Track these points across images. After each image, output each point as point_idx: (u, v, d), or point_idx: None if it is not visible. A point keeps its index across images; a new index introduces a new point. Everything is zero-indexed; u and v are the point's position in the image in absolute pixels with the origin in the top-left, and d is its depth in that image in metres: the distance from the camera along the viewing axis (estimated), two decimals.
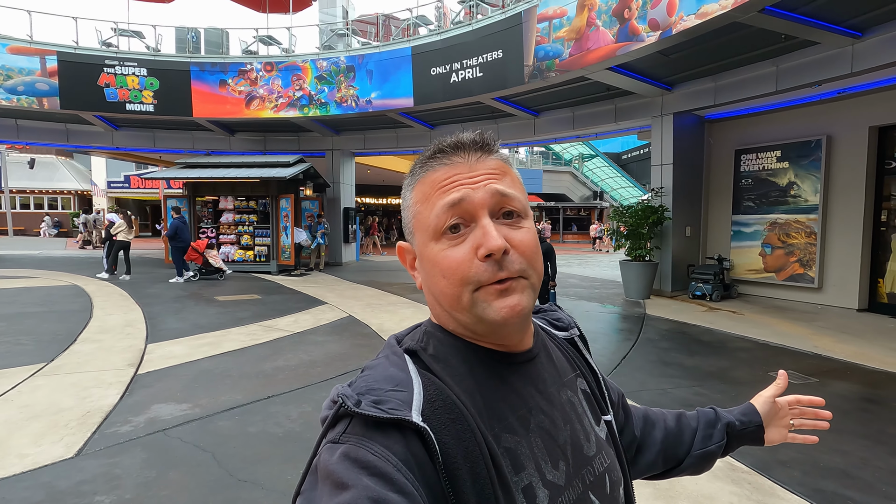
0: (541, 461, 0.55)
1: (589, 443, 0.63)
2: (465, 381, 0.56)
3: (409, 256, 0.63)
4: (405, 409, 0.49)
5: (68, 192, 29.42)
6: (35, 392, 3.95)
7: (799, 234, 8.63)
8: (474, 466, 0.49)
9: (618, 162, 34.78)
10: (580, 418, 0.64)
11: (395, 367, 0.55)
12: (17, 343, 5.37)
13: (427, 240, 0.57)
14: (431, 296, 0.60)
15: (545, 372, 0.63)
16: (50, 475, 2.72)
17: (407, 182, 0.62)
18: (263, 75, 11.88)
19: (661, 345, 5.89)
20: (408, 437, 0.47)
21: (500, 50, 9.28)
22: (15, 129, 13.33)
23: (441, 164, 0.58)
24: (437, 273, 0.56)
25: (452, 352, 0.58)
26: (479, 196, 0.55)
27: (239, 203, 12.78)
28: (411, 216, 0.60)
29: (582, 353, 0.75)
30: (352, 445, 0.46)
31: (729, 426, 0.85)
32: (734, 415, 0.87)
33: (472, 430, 0.51)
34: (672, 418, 0.87)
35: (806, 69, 7.25)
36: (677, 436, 0.85)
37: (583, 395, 0.68)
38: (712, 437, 0.84)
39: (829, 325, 6.94)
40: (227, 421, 3.49)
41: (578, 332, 0.77)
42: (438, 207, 0.56)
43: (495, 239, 0.53)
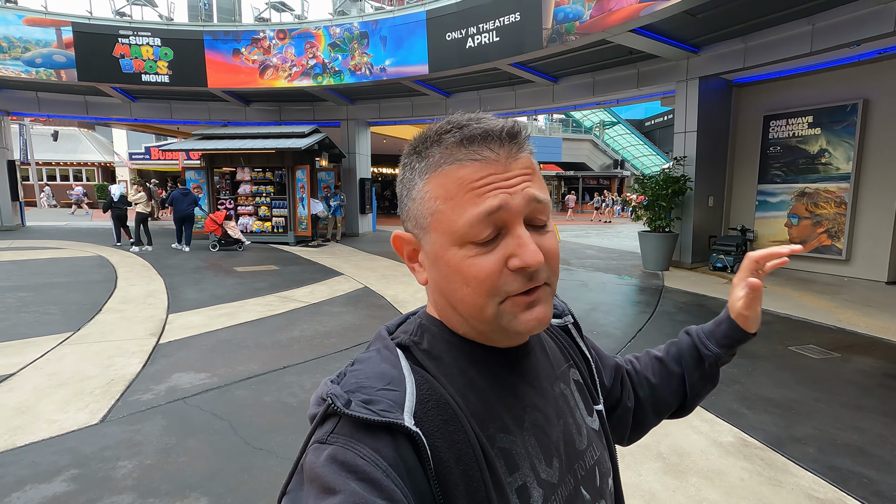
0: (535, 460, 0.54)
1: (581, 436, 0.61)
2: (460, 379, 0.54)
3: (408, 247, 0.57)
4: (397, 410, 0.47)
5: (92, 164, 29.98)
6: (62, 360, 4.11)
7: (828, 204, 8.30)
8: (467, 469, 0.48)
9: (640, 129, 33.77)
10: (572, 411, 0.62)
11: (386, 362, 0.53)
12: (45, 312, 5.56)
13: (447, 243, 0.51)
14: (443, 298, 0.55)
15: (539, 366, 0.61)
16: (75, 440, 2.84)
17: (417, 165, 0.54)
18: (276, 43, 11.71)
19: (678, 318, 5.81)
20: (398, 440, 0.46)
21: (518, 13, 8.92)
22: (36, 101, 13.51)
23: (470, 160, 0.51)
24: (459, 280, 0.51)
25: (447, 348, 0.55)
26: (516, 203, 0.50)
27: (256, 174, 12.85)
28: (427, 212, 0.53)
29: (575, 340, 0.73)
30: (339, 447, 0.44)
31: (717, 361, 0.80)
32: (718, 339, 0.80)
33: (465, 431, 0.49)
34: (654, 370, 0.83)
35: (844, 27, 6.80)
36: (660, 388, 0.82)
37: (575, 387, 0.66)
38: (703, 379, 0.81)
39: (854, 299, 6.74)
40: (243, 390, 3.58)
41: (573, 318, 0.75)
42: (472, 215, 0.49)
43: (534, 253, 0.49)
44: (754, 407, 3.40)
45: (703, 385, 0.81)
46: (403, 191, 0.56)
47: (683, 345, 0.83)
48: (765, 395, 3.58)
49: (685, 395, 0.82)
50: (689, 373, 0.81)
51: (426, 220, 0.53)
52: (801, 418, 3.23)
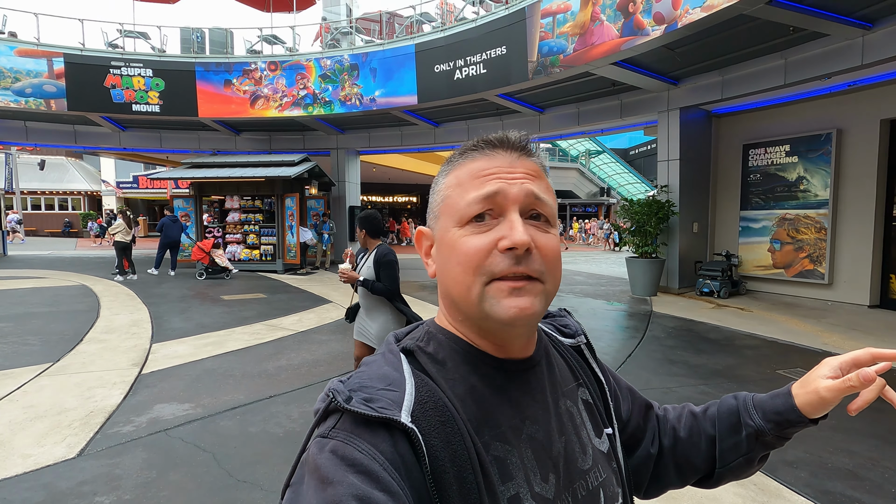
0: (530, 473, 0.54)
1: (584, 455, 0.61)
2: (460, 385, 0.55)
3: (426, 243, 0.63)
4: (395, 408, 0.48)
5: (78, 193, 29.74)
6: (40, 392, 3.98)
7: (808, 230, 8.50)
8: (461, 471, 0.49)
9: (625, 158, 34.53)
10: (577, 430, 0.62)
11: (389, 365, 0.55)
12: (25, 343, 5.42)
13: (450, 224, 0.57)
14: (443, 285, 0.59)
15: (544, 381, 0.61)
16: (51, 475, 2.73)
17: (443, 169, 0.62)
18: (268, 74, 11.90)
19: (668, 342, 5.83)
20: (396, 437, 0.47)
21: (504, 46, 9.21)
22: (24, 131, 13.47)
23: (482, 155, 0.58)
24: (454, 259, 0.55)
25: (450, 354, 0.57)
26: (513, 191, 0.55)
27: (245, 202, 12.83)
28: (440, 200, 0.60)
29: (588, 361, 0.72)
30: (339, 442, 0.46)
31: (759, 435, 0.68)
32: (765, 413, 0.68)
33: (461, 434, 0.50)
34: (685, 425, 0.76)
35: (815, 62, 7.12)
36: (688, 445, 0.75)
37: (583, 406, 0.66)
38: (738, 449, 0.70)
39: (839, 322, 6.83)
40: (228, 421, 3.49)
41: (585, 339, 0.74)
42: (472, 195, 0.55)
43: (521, 233, 0.53)
44: None
45: (735, 458, 0.71)
46: (431, 192, 0.64)
47: (724, 406, 0.74)
48: None
49: (714, 462, 0.72)
50: (722, 438, 0.72)
51: (438, 207, 0.60)
52: (792, 442, 3.18)
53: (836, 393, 0.62)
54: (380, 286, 3.15)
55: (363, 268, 3.25)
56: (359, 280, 3.13)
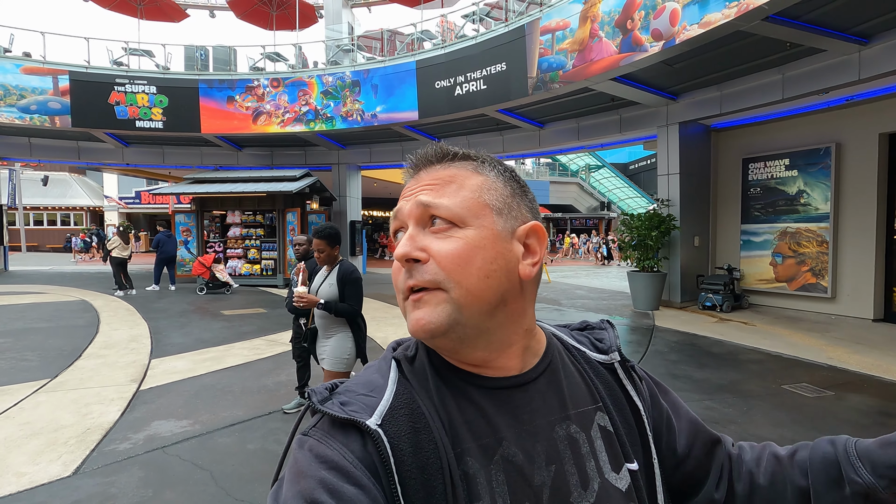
0: (497, 498, 0.50)
1: (584, 490, 0.54)
2: (434, 396, 0.55)
3: None
4: (364, 413, 0.50)
5: (80, 209, 29.88)
6: (36, 409, 3.94)
7: (810, 243, 8.48)
8: (430, 479, 0.48)
9: (625, 172, 34.71)
10: (580, 459, 0.55)
11: (378, 373, 0.57)
12: (23, 359, 5.38)
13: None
14: None
15: (538, 401, 0.56)
16: (45, 495, 2.68)
17: None
18: (270, 91, 12.03)
19: (671, 357, 5.77)
20: (366, 439, 0.49)
21: (504, 62, 9.32)
22: (28, 147, 13.59)
23: (409, 176, 0.61)
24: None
25: (427, 366, 0.57)
26: (407, 207, 0.57)
27: (246, 217, 12.87)
28: None
29: (622, 382, 0.63)
30: (315, 440, 0.49)
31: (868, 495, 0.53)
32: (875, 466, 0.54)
33: (436, 443, 0.50)
34: (766, 470, 0.63)
35: (812, 77, 7.19)
36: (770, 495, 0.61)
37: (600, 433, 0.58)
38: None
39: (843, 336, 6.78)
40: (226, 438, 3.44)
41: (619, 357, 0.66)
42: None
43: (400, 246, 0.55)
44: None
45: None
46: None
47: (819, 454, 0.59)
48: (762, 435, 3.52)
49: None
50: (819, 495, 0.57)
51: None
52: None
53: None
54: (344, 307, 2.97)
55: (322, 287, 3.05)
56: (319, 303, 2.92)
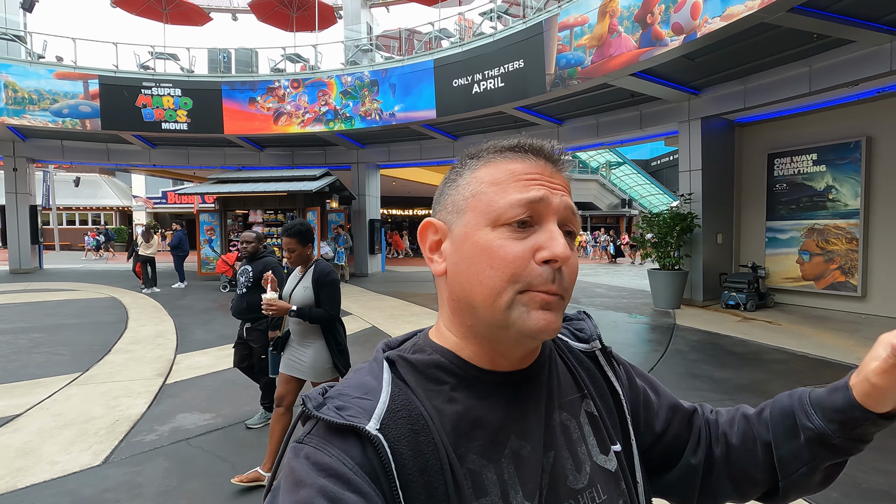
0: (510, 489, 0.52)
1: (578, 473, 0.57)
2: (438, 396, 0.54)
3: (433, 237, 0.58)
4: (363, 416, 0.49)
5: (110, 209, 30.84)
6: (68, 401, 4.11)
7: (839, 241, 8.23)
8: (431, 481, 0.48)
9: (647, 169, 34.13)
10: (573, 445, 0.58)
11: (370, 374, 0.55)
12: (56, 353, 5.60)
13: (482, 223, 0.53)
14: (459, 286, 0.55)
15: (541, 392, 0.58)
16: (76, 482, 2.81)
17: (467, 162, 0.59)
18: (291, 92, 12.22)
19: (691, 356, 5.68)
20: (365, 444, 0.48)
21: (522, 60, 9.27)
22: (61, 149, 14.10)
23: (521, 158, 0.56)
24: (484, 260, 0.52)
25: (434, 366, 0.56)
26: (555, 202, 0.53)
27: (267, 216, 13.10)
28: (469, 194, 0.55)
29: (603, 369, 0.66)
30: (312, 448, 0.47)
31: (821, 440, 0.57)
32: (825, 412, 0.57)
33: (435, 444, 0.50)
34: (738, 431, 0.66)
35: (841, 68, 6.96)
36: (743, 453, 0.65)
37: (587, 419, 0.61)
38: (799, 458, 0.60)
39: (873, 336, 6.48)
40: (247, 431, 3.53)
41: (601, 344, 0.69)
42: (515, 198, 0.52)
43: (563, 246, 0.51)
44: None
45: (798, 467, 0.60)
46: (446, 185, 0.60)
47: (777, 407, 0.63)
48: None
49: (775, 473, 0.62)
50: (779, 445, 0.61)
51: (465, 202, 0.56)
52: None
53: (884, 377, 0.52)
54: (320, 313, 2.71)
55: (296, 291, 2.79)
56: (291, 310, 2.68)
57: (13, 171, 13.71)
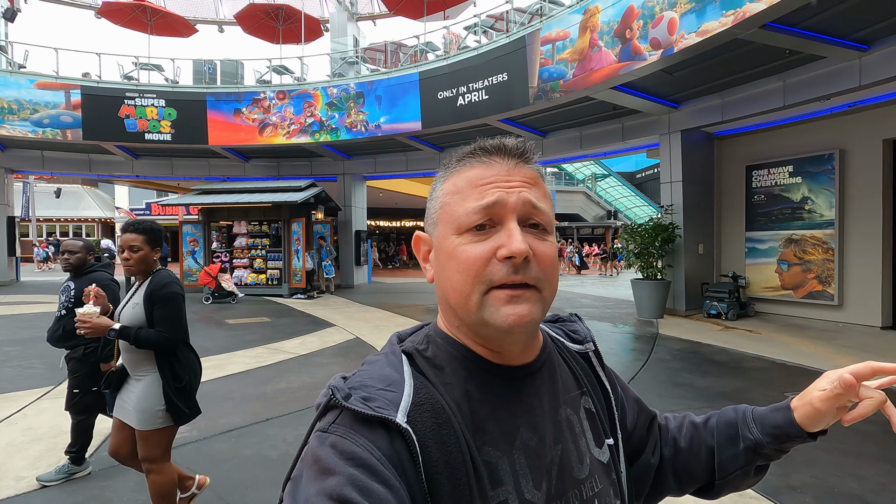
0: (521, 479, 0.55)
1: (581, 465, 0.61)
2: (456, 389, 0.56)
3: (424, 247, 0.63)
4: (391, 408, 0.50)
5: (92, 220, 30.35)
6: (39, 415, 4.00)
7: (815, 250, 8.40)
8: (455, 472, 0.49)
9: (632, 181, 34.62)
10: (576, 438, 0.62)
11: (390, 366, 0.56)
12: (29, 366, 5.46)
13: (449, 232, 0.57)
14: (441, 290, 0.60)
15: (544, 388, 0.61)
16: (42, 499, 2.72)
17: (440, 174, 0.63)
18: (276, 103, 12.22)
19: (673, 365, 5.73)
20: (392, 436, 0.49)
21: (505, 73, 9.41)
22: (41, 160, 13.88)
23: (479, 163, 0.58)
24: (453, 267, 0.56)
25: (448, 359, 0.58)
26: (511, 201, 0.55)
27: (252, 227, 13.01)
28: (438, 206, 0.60)
29: (595, 369, 0.71)
30: (339, 437, 0.48)
31: (757, 448, 0.69)
32: (764, 426, 0.69)
33: (457, 436, 0.51)
34: (686, 435, 0.76)
35: (814, 83, 7.18)
36: (689, 456, 0.75)
37: (585, 415, 0.65)
38: (736, 461, 0.70)
39: (850, 344, 6.68)
40: (222, 444, 3.47)
41: (594, 346, 0.74)
42: (471, 205, 0.56)
43: (519, 242, 0.53)
44: None
45: (734, 469, 0.70)
46: (429, 199, 0.64)
47: (724, 418, 0.74)
48: None
49: (713, 473, 0.72)
50: (721, 450, 0.71)
51: (436, 214, 0.60)
52: (799, 466, 3.13)
53: (827, 403, 0.62)
54: (150, 335, 2.14)
55: (126, 307, 2.25)
56: (112, 330, 2.10)
57: None
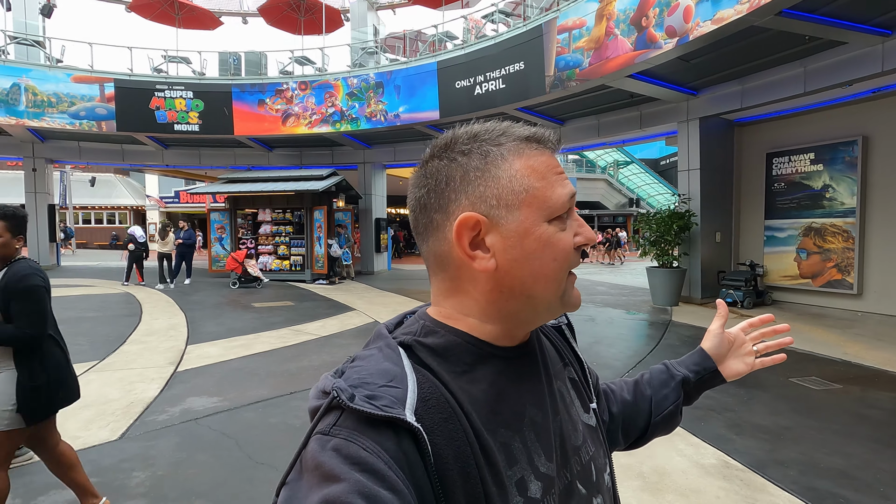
0: (533, 454, 0.55)
1: (576, 432, 0.63)
2: (462, 377, 0.54)
3: (471, 233, 0.54)
4: (399, 406, 0.47)
5: (125, 208, 31.51)
6: (87, 386, 4.40)
7: (836, 239, 8.32)
8: (465, 466, 0.49)
9: (655, 168, 34.05)
10: (568, 408, 0.64)
11: (389, 360, 0.53)
12: (74, 344, 5.91)
13: (540, 218, 0.54)
14: (518, 280, 0.55)
15: (538, 363, 0.62)
16: (96, 454, 3.09)
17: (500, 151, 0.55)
18: (298, 94, 12.54)
19: (681, 350, 5.85)
20: (400, 436, 0.46)
21: (522, 62, 9.48)
22: (78, 150, 14.57)
23: (545, 150, 0.58)
24: (549, 254, 0.54)
25: (452, 346, 0.56)
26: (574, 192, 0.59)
27: (276, 215, 13.45)
28: (520, 188, 0.54)
29: (569, 340, 0.75)
30: (342, 440, 0.44)
31: (684, 382, 0.84)
32: (687, 366, 0.85)
33: (464, 429, 0.50)
34: (629, 390, 0.86)
35: (835, 69, 7.08)
36: (634, 407, 0.84)
37: (571, 385, 0.68)
38: (668, 398, 0.83)
39: (865, 333, 6.68)
40: (251, 413, 3.80)
41: (567, 320, 0.77)
42: (562, 193, 0.55)
43: (592, 231, 0.58)
44: (743, 433, 3.46)
45: (667, 405, 0.83)
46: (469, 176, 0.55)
47: (654, 369, 0.88)
48: (756, 422, 3.64)
49: (650, 417, 0.83)
50: (656, 392, 0.84)
51: (518, 197, 0.54)
52: (788, 444, 3.29)
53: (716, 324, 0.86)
54: (7, 332, 2.01)
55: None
56: None
57: (32, 171, 14.20)
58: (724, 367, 0.85)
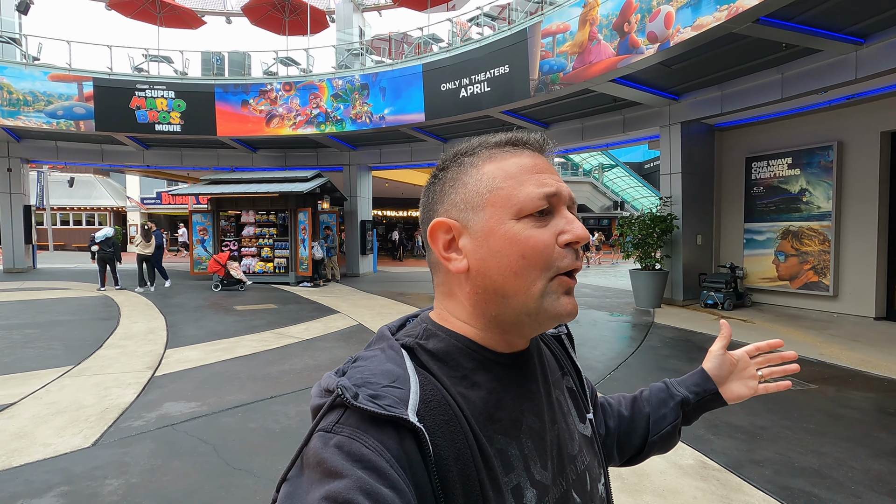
0: (530, 462, 0.56)
1: (573, 441, 0.63)
2: (461, 383, 0.55)
3: (445, 236, 0.58)
4: (401, 406, 0.48)
5: (104, 209, 30.88)
6: (61, 391, 4.30)
7: (812, 242, 8.51)
8: (465, 468, 0.49)
9: (640, 171, 34.51)
10: (565, 417, 0.65)
11: (391, 362, 0.53)
12: (49, 348, 5.79)
13: (505, 216, 0.55)
14: (489, 279, 0.55)
15: (537, 372, 0.63)
16: (68, 462, 3.01)
17: (465, 160, 0.60)
18: (283, 95, 12.43)
19: (663, 352, 5.93)
20: (402, 435, 0.47)
21: (507, 65, 9.53)
22: (55, 150, 14.25)
23: (525, 152, 0.59)
24: (515, 252, 0.54)
25: (453, 351, 0.57)
26: (564, 192, 0.57)
27: (259, 217, 13.30)
28: (484, 190, 0.56)
29: (567, 350, 0.75)
30: (345, 437, 0.45)
31: (683, 403, 0.82)
32: (687, 387, 0.84)
33: (464, 432, 0.51)
34: (627, 406, 0.86)
35: (811, 76, 7.25)
36: (630, 423, 0.84)
37: (568, 394, 0.68)
38: (666, 418, 0.82)
39: (841, 334, 6.83)
40: (230, 418, 3.74)
41: (566, 329, 0.77)
42: (534, 190, 0.55)
43: (582, 228, 0.56)
44: (720, 433, 3.51)
45: (665, 425, 0.81)
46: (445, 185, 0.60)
47: (653, 388, 0.86)
48: (733, 423, 3.69)
49: (647, 435, 0.82)
50: (654, 411, 0.83)
51: (482, 198, 0.56)
52: (764, 444, 3.34)
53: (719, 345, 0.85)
54: None
55: None
56: None
57: (7, 171, 13.85)
58: (725, 389, 0.83)
